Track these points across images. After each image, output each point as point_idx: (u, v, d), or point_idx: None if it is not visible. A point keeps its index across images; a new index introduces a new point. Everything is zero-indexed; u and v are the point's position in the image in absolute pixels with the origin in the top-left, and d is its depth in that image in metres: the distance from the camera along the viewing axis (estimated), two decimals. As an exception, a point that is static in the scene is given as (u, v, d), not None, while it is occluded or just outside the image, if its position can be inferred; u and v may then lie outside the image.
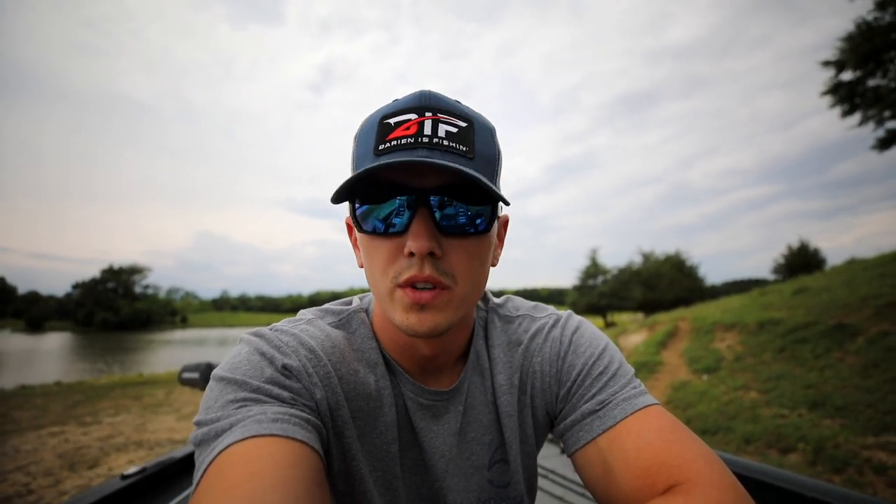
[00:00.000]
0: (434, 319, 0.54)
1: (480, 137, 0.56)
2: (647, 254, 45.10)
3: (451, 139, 0.53)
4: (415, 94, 0.56)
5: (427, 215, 0.53)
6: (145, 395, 10.05)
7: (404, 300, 0.54)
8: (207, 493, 0.40)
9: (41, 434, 6.37)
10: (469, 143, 0.54)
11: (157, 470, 1.41)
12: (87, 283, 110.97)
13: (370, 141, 0.55)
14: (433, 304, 0.54)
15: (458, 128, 0.54)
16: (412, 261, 0.53)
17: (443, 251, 0.54)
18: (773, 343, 7.89)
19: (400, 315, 0.55)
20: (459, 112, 0.56)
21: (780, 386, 6.01)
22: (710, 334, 10.29)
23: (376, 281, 0.57)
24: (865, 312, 7.40)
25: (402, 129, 0.53)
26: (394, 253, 0.55)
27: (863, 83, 11.44)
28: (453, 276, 0.55)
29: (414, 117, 0.53)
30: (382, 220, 0.55)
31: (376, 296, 0.60)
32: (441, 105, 0.55)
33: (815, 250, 36.36)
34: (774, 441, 4.38)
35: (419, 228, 0.52)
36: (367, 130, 0.56)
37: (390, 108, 0.55)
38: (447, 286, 0.54)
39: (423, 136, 0.52)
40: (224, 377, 0.51)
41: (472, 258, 0.57)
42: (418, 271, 0.53)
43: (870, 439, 4.05)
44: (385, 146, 0.53)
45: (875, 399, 4.84)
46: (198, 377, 1.73)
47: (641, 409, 0.58)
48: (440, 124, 0.53)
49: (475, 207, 0.55)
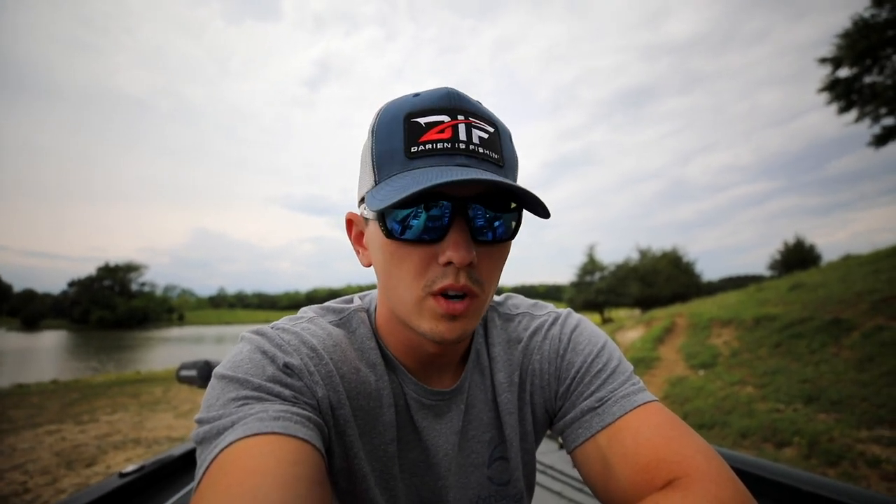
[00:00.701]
0: (463, 328, 0.54)
1: (505, 143, 0.55)
2: (645, 250, 45.32)
3: (485, 145, 0.52)
4: (441, 92, 0.53)
5: (464, 225, 0.52)
6: (143, 392, 10.03)
7: (437, 310, 0.53)
8: (209, 490, 0.40)
9: (38, 432, 6.36)
10: (498, 149, 0.53)
11: (156, 468, 1.41)
12: (83, 281, 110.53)
13: (396, 139, 0.52)
14: (464, 314, 0.54)
15: (488, 133, 0.53)
16: (447, 270, 0.52)
17: (477, 261, 0.54)
18: (770, 338, 7.95)
19: (429, 323, 0.54)
20: (486, 116, 0.54)
21: (775, 381, 6.06)
22: (706, 330, 10.36)
23: (403, 288, 0.55)
24: (861, 307, 7.47)
25: (435, 132, 0.51)
26: (427, 261, 0.53)
27: (859, 80, 11.49)
28: (482, 283, 0.55)
29: (446, 119, 0.51)
30: (416, 226, 0.52)
31: (396, 301, 0.57)
32: (470, 107, 0.53)
33: (810, 246, 36.66)
34: (770, 435, 4.42)
35: (459, 238, 0.51)
36: (390, 126, 0.53)
37: (415, 105, 0.53)
38: (477, 294, 0.54)
39: (459, 142, 0.50)
40: (226, 375, 0.51)
41: (497, 265, 0.57)
42: (454, 281, 0.52)
43: (864, 433, 4.09)
44: (418, 149, 0.51)
45: (870, 393, 4.89)
46: (195, 375, 1.72)
47: (640, 406, 0.58)
48: (473, 129, 0.52)
49: (506, 215, 0.55)
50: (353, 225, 0.65)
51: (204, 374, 1.71)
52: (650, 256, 44.23)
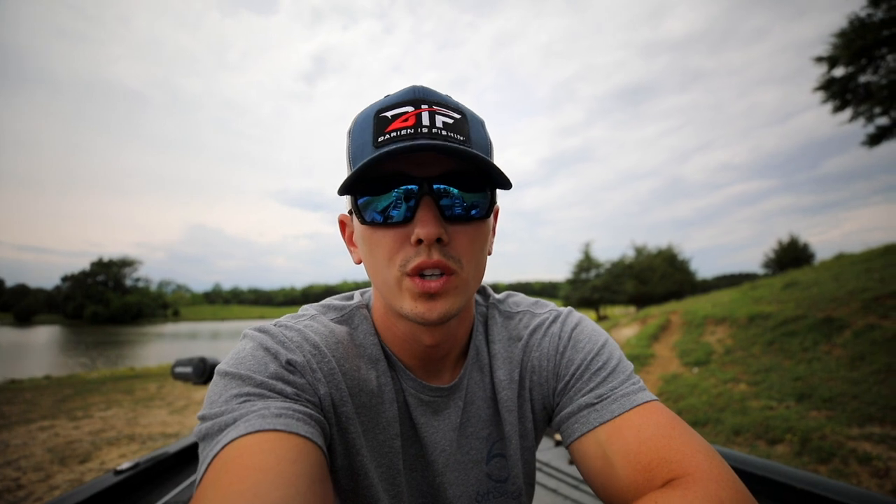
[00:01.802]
0: (444, 306, 0.56)
1: (474, 128, 0.58)
2: (640, 248, 45.45)
3: (449, 129, 0.54)
4: (407, 89, 0.57)
5: (432, 203, 0.54)
6: (137, 388, 9.98)
7: (413, 289, 0.55)
8: (211, 487, 0.40)
9: (31, 428, 6.31)
10: (465, 133, 0.56)
11: (151, 465, 1.40)
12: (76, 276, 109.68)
13: (367, 134, 0.55)
14: (443, 291, 0.55)
15: (454, 119, 0.56)
16: (420, 248, 0.54)
17: (448, 237, 0.55)
18: (763, 336, 8.02)
19: (409, 304, 0.56)
20: (453, 105, 0.57)
21: (768, 378, 6.11)
22: (700, 328, 10.42)
23: (381, 272, 0.58)
24: (853, 306, 7.54)
25: (400, 121, 0.54)
26: (399, 242, 0.55)
27: (854, 79, 11.53)
28: (459, 260, 0.56)
29: (411, 109, 0.54)
30: (387, 210, 0.55)
31: (381, 287, 0.59)
32: (435, 98, 0.56)
33: (804, 245, 36.93)
34: (763, 432, 4.46)
35: (426, 216, 0.53)
36: (363, 125, 0.57)
37: (384, 103, 0.56)
38: (454, 271, 0.56)
39: (422, 127, 0.53)
40: (228, 372, 0.51)
41: (474, 243, 0.58)
42: (427, 257, 0.54)
43: (855, 430, 4.14)
44: (384, 138, 0.53)
45: (861, 391, 4.94)
46: (190, 371, 1.71)
47: (641, 405, 0.58)
48: (437, 115, 0.54)
49: (476, 194, 0.57)
50: (345, 226, 0.68)
51: (199, 370, 1.70)
52: (646, 254, 44.39)
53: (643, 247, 45.36)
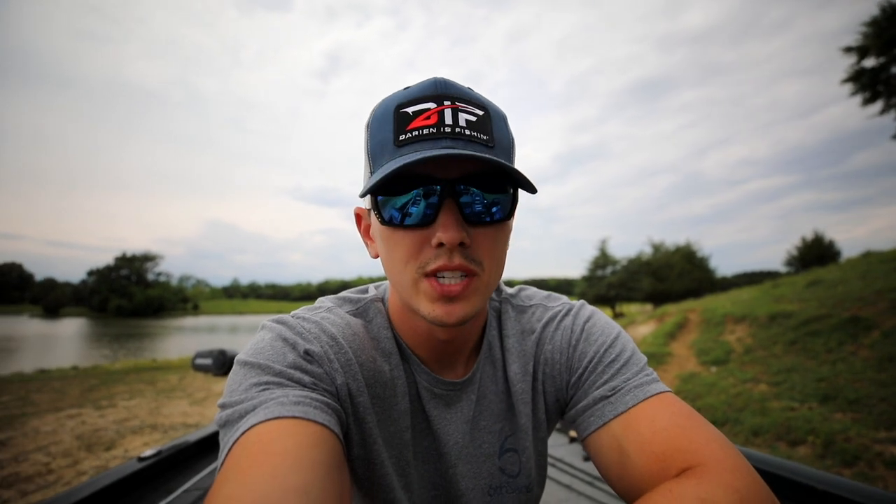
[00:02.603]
0: (463, 309, 0.55)
1: (497, 125, 0.56)
2: (657, 244, 44.68)
3: (472, 128, 0.53)
4: (429, 82, 0.55)
5: (454, 206, 0.53)
6: (159, 380, 10.27)
7: (431, 292, 0.54)
8: (231, 471, 0.41)
9: (59, 416, 6.56)
10: (488, 131, 0.54)
11: (173, 453, 1.45)
12: (101, 271, 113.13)
13: (387, 131, 0.54)
14: (462, 295, 0.54)
15: (477, 116, 0.54)
16: (440, 251, 0.53)
17: (470, 240, 0.54)
18: (785, 336, 7.81)
19: (426, 306, 0.55)
20: (475, 100, 0.55)
21: (790, 379, 5.96)
22: (720, 326, 10.21)
23: (398, 272, 0.57)
24: (881, 306, 7.28)
25: (421, 119, 0.52)
26: (419, 244, 0.54)
27: (886, 70, 11.08)
28: (481, 262, 0.55)
29: (433, 106, 0.52)
30: (407, 211, 0.54)
31: (398, 286, 0.59)
32: (457, 93, 0.54)
33: (829, 242, 35.74)
34: (783, 434, 4.35)
35: (448, 219, 0.52)
36: (382, 119, 0.55)
37: (405, 97, 0.54)
38: (476, 273, 0.55)
39: (444, 126, 0.52)
40: (248, 362, 0.52)
41: (495, 244, 0.57)
42: (447, 261, 0.53)
43: (882, 433, 4.01)
44: (406, 136, 0.52)
45: (889, 393, 4.78)
46: (210, 363, 1.77)
47: (654, 396, 0.58)
48: (460, 113, 0.53)
49: (497, 195, 0.56)
50: (361, 219, 0.67)
51: (218, 362, 1.75)
52: (663, 251, 43.61)
53: (661, 244, 44.60)
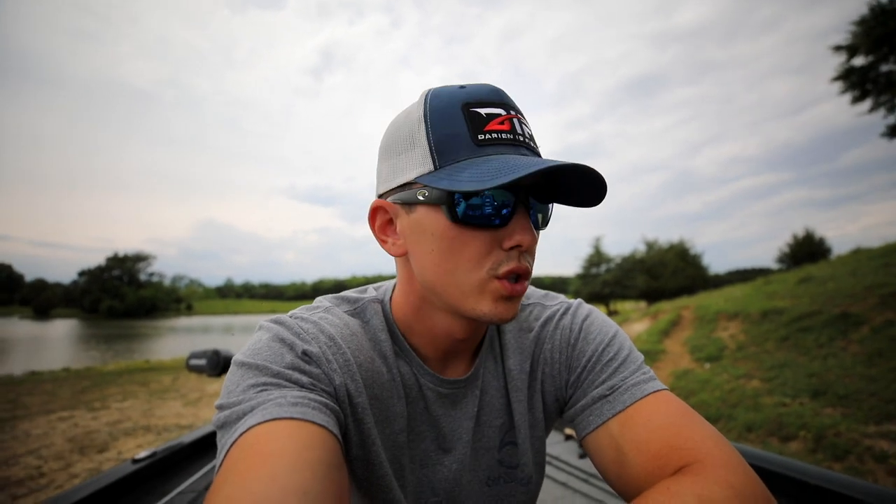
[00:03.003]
0: (517, 306, 0.58)
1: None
2: (651, 242, 44.97)
3: (532, 140, 0.57)
4: (490, 87, 0.57)
5: (526, 211, 0.56)
6: (152, 381, 10.20)
7: (501, 291, 0.55)
8: (229, 473, 0.41)
9: (51, 419, 6.49)
10: (536, 143, 0.58)
11: (168, 454, 1.43)
12: (92, 271, 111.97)
13: (458, 125, 0.53)
14: (521, 294, 0.57)
15: (530, 129, 0.58)
16: (511, 254, 0.55)
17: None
18: (777, 332, 7.90)
19: (489, 305, 0.56)
20: (522, 113, 0.59)
21: (782, 375, 6.03)
22: (713, 323, 10.31)
23: (464, 272, 0.55)
24: (870, 302, 7.38)
25: (496, 123, 0.54)
26: (490, 245, 0.55)
27: (875, 68, 11.20)
28: (530, 265, 0.59)
29: (503, 113, 0.55)
30: (486, 212, 0.54)
31: (455, 287, 0.56)
32: (513, 104, 0.57)
33: (820, 239, 36.18)
34: (776, 429, 4.41)
35: (525, 224, 0.55)
36: (447, 113, 0.54)
37: (469, 97, 0.54)
38: (530, 275, 0.59)
39: (517, 135, 0.54)
40: (245, 362, 0.52)
41: (536, 250, 0.61)
42: (519, 263, 0.55)
43: (871, 428, 4.07)
44: (485, 137, 0.53)
45: (878, 388, 4.85)
46: (205, 364, 1.74)
47: (651, 394, 0.59)
48: (523, 125, 0.56)
49: (546, 205, 0.61)
50: (378, 213, 0.62)
51: (213, 363, 1.72)
52: (657, 248, 43.89)
53: (654, 241, 44.87)
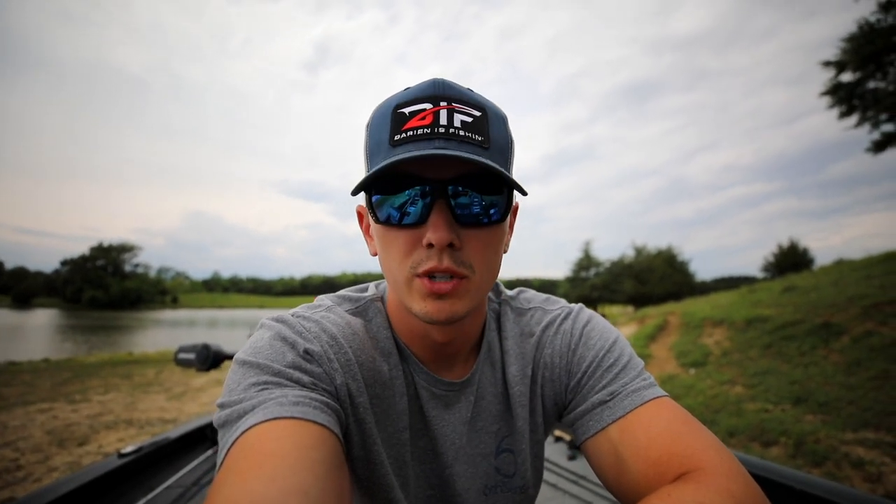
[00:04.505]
0: (452, 308, 0.55)
1: (494, 126, 0.56)
2: (640, 248, 45.51)
3: (467, 129, 0.53)
4: (428, 83, 0.55)
5: (445, 207, 0.53)
6: (135, 374, 10.02)
7: (423, 290, 0.55)
8: (231, 472, 0.41)
9: (29, 410, 6.34)
10: (484, 132, 0.54)
11: (154, 449, 1.42)
12: (75, 261, 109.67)
13: (384, 131, 0.54)
14: (452, 293, 0.54)
15: (473, 117, 0.54)
16: (431, 252, 0.54)
17: (461, 242, 0.55)
18: (761, 339, 8.04)
19: (418, 303, 0.55)
20: (473, 101, 0.55)
21: (765, 381, 6.14)
22: (698, 329, 10.45)
23: (393, 270, 0.57)
24: (852, 312, 7.55)
25: (417, 120, 0.52)
26: (412, 243, 0.55)
27: (862, 85, 11.47)
28: (471, 265, 0.55)
29: (429, 107, 0.53)
30: (400, 211, 0.55)
31: (393, 285, 0.60)
32: (455, 94, 0.54)
33: (804, 250, 36.96)
34: (757, 434, 4.49)
35: (438, 220, 0.53)
36: (381, 120, 0.55)
37: (403, 97, 0.55)
38: (465, 276, 0.55)
39: (438, 127, 0.52)
40: (246, 361, 0.52)
41: (488, 247, 0.57)
42: (437, 262, 0.53)
43: (849, 435, 4.17)
44: (400, 136, 0.52)
45: (857, 396, 4.97)
46: (194, 358, 1.72)
47: (651, 401, 0.59)
48: (455, 114, 0.53)
49: (491, 197, 0.56)
50: (362, 217, 0.67)
51: (202, 357, 1.70)
52: (646, 254, 44.46)
53: (643, 247, 45.46)
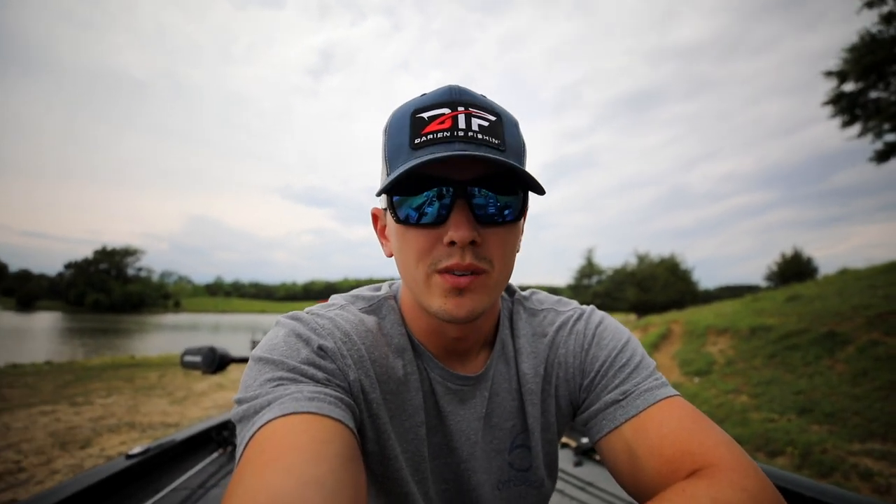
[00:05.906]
0: (472, 303, 0.56)
1: (508, 130, 0.58)
2: (642, 255, 45.44)
3: (484, 132, 0.55)
4: (444, 89, 0.57)
5: (465, 206, 0.55)
6: (137, 377, 10.03)
7: (443, 285, 0.56)
8: (248, 466, 0.42)
9: (32, 413, 6.35)
10: (499, 135, 0.56)
11: (160, 451, 1.42)
12: (79, 264, 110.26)
13: (404, 135, 0.56)
14: (471, 288, 0.56)
15: (489, 121, 0.56)
16: (452, 250, 0.55)
17: (481, 239, 0.56)
18: (765, 349, 8.00)
19: (438, 300, 0.57)
20: (488, 106, 0.58)
21: (770, 391, 6.10)
22: (702, 338, 10.40)
23: (411, 269, 0.59)
24: (857, 322, 7.51)
25: (436, 124, 0.54)
26: (432, 242, 0.56)
27: (864, 95, 11.50)
28: (490, 261, 0.57)
29: (447, 111, 0.55)
30: (420, 211, 0.56)
31: (410, 284, 0.61)
32: (471, 99, 0.57)
33: (808, 259, 36.83)
34: (763, 444, 4.45)
35: (460, 219, 0.54)
36: (399, 124, 0.57)
37: (421, 103, 0.57)
38: (485, 270, 0.57)
39: (458, 130, 0.54)
40: (262, 357, 0.53)
41: (505, 245, 0.59)
42: (460, 259, 0.55)
43: (856, 446, 4.13)
44: (421, 140, 0.54)
45: (863, 407, 4.93)
46: (200, 360, 1.73)
47: (664, 400, 0.60)
48: (473, 118, 0.55)
49: (507, 197, 0.58)
50: (377, 219, 0.69)
51: (208, 360, 1.71)
52: (648, 262, 44.38)
53: (646, 255, 45.40)
